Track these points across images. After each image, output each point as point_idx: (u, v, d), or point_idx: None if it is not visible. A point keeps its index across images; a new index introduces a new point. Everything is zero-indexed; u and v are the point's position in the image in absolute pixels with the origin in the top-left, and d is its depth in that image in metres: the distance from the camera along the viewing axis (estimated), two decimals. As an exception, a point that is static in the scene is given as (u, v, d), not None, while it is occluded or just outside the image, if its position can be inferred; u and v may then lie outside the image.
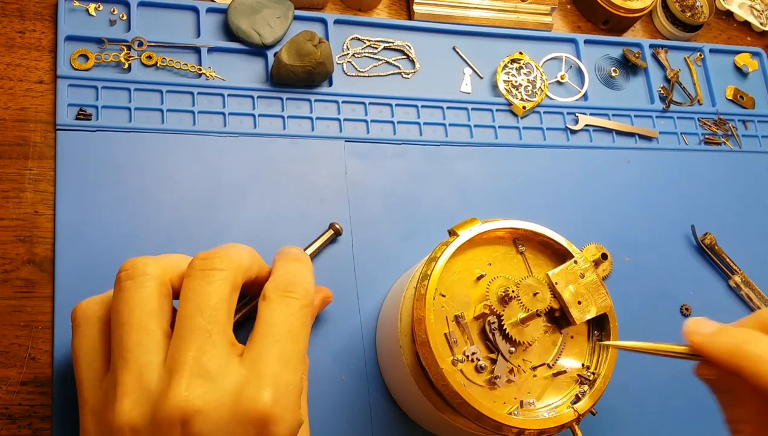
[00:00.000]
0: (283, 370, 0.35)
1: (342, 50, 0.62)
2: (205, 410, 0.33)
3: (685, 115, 0.70)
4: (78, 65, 0.55)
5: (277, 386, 0.34)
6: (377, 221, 0.57)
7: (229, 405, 0.33)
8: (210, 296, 0.36)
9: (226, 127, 0.57)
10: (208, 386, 0.33)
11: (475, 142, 0.62)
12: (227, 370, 0.34)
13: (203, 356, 0.34)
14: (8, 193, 0.50)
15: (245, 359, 0.35)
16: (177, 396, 0.32)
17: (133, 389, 0.34)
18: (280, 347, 0.36)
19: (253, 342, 0.36)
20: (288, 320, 0.37)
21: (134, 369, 0.34)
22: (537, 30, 0.69)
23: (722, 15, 0.79)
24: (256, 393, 0.34)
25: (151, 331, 0.35)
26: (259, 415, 0.33)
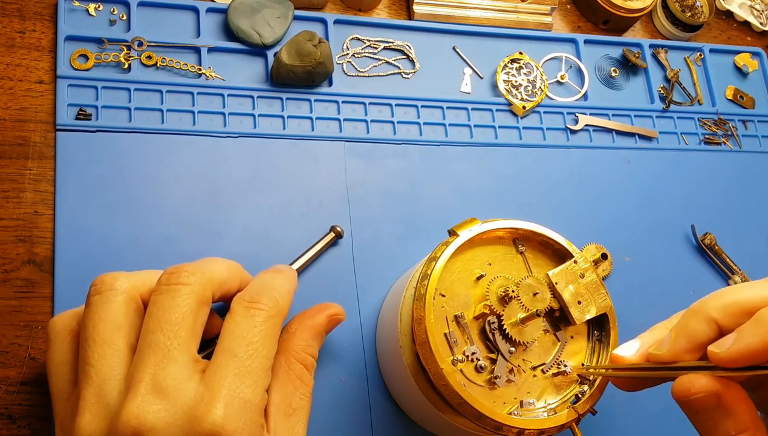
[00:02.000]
0: (239, 385, 0.34)
1: (342, 50, 0.62)
2: (158, 427, 0.33)
3: (685, 115, 0.70)
4: (78, 65, 0.55)
5: (230, 404, 0.34)
6: (377, 221, 0.57)
7: (181, 423, 0.33)
8: (172, 310, 0.36)
9: (226, 127, 0.57)
10: (162, 403, 0.33)
11: (475, 142, 0.62)
12: (184, 387, 0.34)
13: (160, 372, 0.34)
14: (8, 193, 0.50)
15: (205, 376, 0.35)
16: (130, 412, 0.33)
17: (93, 404, 0.34)
18: (238, 362, 0.35)
19: (213, 357, 0.36)
20: (249, 333, 0.36)
21: (95, 383, 0.34)
22: (537, 30, 0.69)
23: (722, 15, 0.79)
24: (207, 410, 0.33)
25: (114, 345, 0.35)
26: (209, 432, 0.33)
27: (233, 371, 0.35)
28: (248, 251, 0.53)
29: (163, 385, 0.33)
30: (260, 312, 0.37)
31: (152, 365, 0.34)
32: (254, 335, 0.36)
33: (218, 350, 0.36)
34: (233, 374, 0.34)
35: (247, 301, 0.38)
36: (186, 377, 0.34)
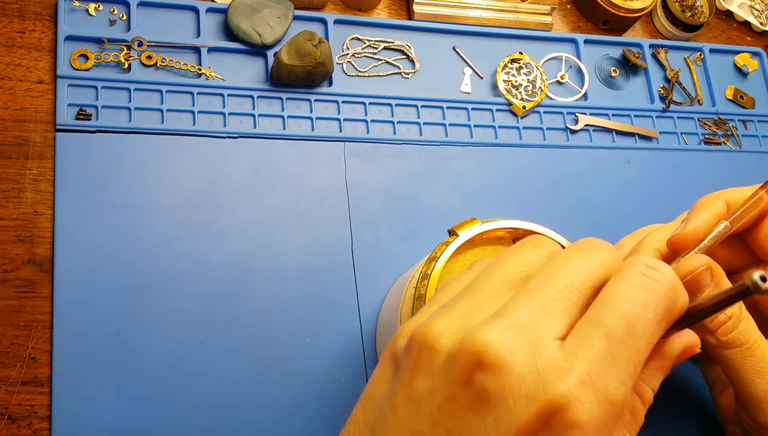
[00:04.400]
0: (602, 373, 0.28)
1: (342, 50, 0.62)
2: (502, 364, 0.28)
3: (685, 115, 0.70)
4: (78, 65, 0.55)
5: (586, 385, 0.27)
6: (377, 220, 0.57)
7: (526, 374, 0.28)
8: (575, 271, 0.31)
9: (226, 127, 0.57)
10: (520, 344, 0.28)
11: (475, 142, 0.62)
12: (547, 344, 0.29)
13: (534, 318, 0.29)
14: (8, 193, 0.50)
15: (565, 344, 0.29)
16: (484, 335, 0.28)
17: (458, 316, 0.30)
18: (608, 344, 0.28)
19: (579, 324, 0.29)
20: (632, 312, 0.29)
21: (473, 301, 0.31)
22: (537, 30, 0.69)
23: (722, 15, 0.79)
24: (560, 378, 0.27)
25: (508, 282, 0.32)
26: (552, 403, 0.27)
27: (600, 353, 0.28)
28: (248, 251, 0.53)
29: (529, 332, 0.29)
30: (656, 286, 0.29)
31: (529, 307, 0.29)
32: (639, 316, 0.29)
33: (588, 319, 0.29)
34: (598, 357, 0.28)
35: (645, 264, 0.30)
36: (552, 336, 0.29)
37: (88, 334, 0.48)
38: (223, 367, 0.49)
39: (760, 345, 0.40)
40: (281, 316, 0.52)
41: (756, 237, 0.44)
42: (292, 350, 0.51)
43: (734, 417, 0.45)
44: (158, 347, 0.49)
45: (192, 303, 0.51)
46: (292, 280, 0.53)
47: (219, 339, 0.50)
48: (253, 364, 0.50)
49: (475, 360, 0.28)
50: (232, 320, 0.51)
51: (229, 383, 0.49)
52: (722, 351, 0.40)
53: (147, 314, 0.49)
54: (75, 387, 0.46)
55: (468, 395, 0.28)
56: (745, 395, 0.40)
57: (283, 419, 0.49)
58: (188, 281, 0.51)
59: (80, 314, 0.48)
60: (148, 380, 0.48)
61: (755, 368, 0.40)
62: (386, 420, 0.29)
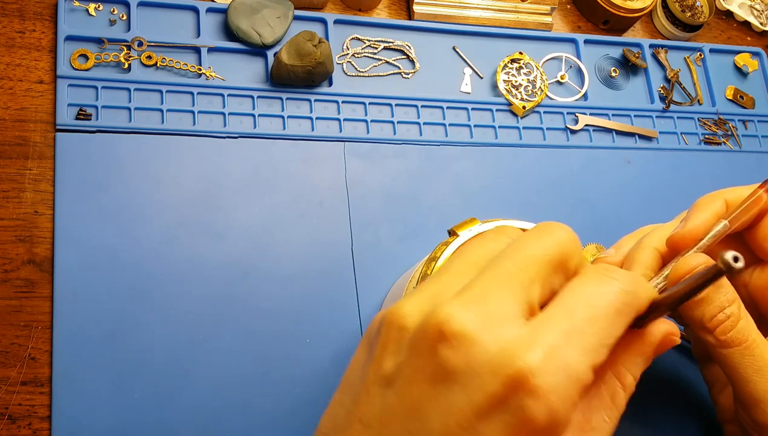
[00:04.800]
0: (564, 345, 0.29)
1: (342, 50, 0.62)
2: (463, 337, 0.28)
3: (685, 115, 0.70)
4: (78, 65, 0.55)
5: (549, 357, 0.28)
6: (377, 221, 0.57)
7: (488, 348, 0.28)
8: (532, 248, 0.32)
9: (225, 127, 0.57)
10: (479, 318, 0.29)
11: (474, 142, 0.62)
12: (508, 319, 0.29)
13: (491, 292, 0.30)
14: (8, 193, 0.50)
15: (530, 323, 0.30)
16: (443, 311, 0.29)
17: (426, 296, 0.31)
18: (571, 319, 0.30)
19: (545, 310, 0.31)
20: (593, 296, 0.31)
21: (441, 282, 0.32)
22: (537, 30, 0.69)
23: (722, 15, 0.79)
24: (523, 352, 0.28)
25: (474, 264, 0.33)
26: (516, 373, 0.28)
27: (563, 326, 0.29)
28: (248, 251, 0.53)
29: (488, 305, 0.30)
30: (614, 282, 0.32)
31: (489, 282, 0.30)
32: (599, 299, 0.31)
33: (553, 304, 0.31)
34: (561, 329, 0.29)
35: (602, 269, 0.33)
36: (513, 312, 0.30)
37: (88, 334, 0.48)
38: (223, 367, 0.49)
39: (759, 344, 0.40)
40: (281, 316, 0.52)
41: (755, 236, 0.44)
42: (292, 350, 0.51)
43: (733, 417, 0.45)
44: (158, 347, 0.49)
45: (192, 303, 0.51)
46: (292, 280, 0.53)
47: (219, 339, 0.50)
48: (253, 364, 0.50)
49: (438, 332, 0.29)
50: (232, 320, 0.51)
51: (229, 383, 0.49)
52: (721, 350, 0.40)
53: (147, 314, 0.49)
54: (75, 387, 0.46)
55: (432, 366, 0.29)
56: (744, 394, 0.40)
57: (283, 418, 0.49)
58: (188, 281, 0.51)
59: (80, 314, 0.48)
60: (148, 379, 0.48)
61: (754, 367, 0.40)
62: (360, 399, 0.30)
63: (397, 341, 0.30)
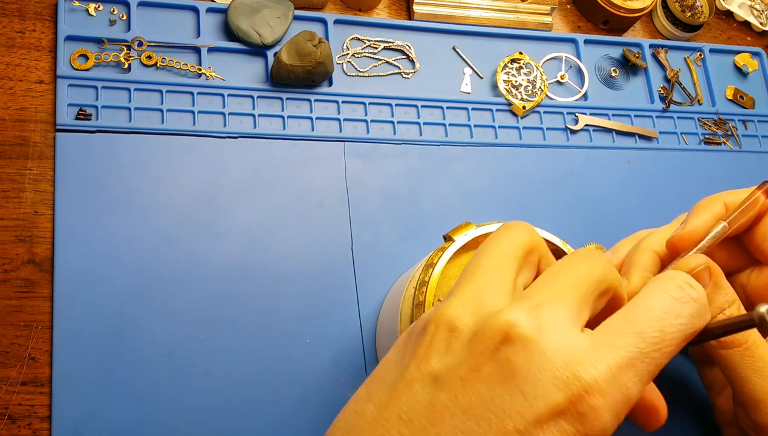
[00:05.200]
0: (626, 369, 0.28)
1: (342, 50, 0.62)
2: (527, 342, 0.29)
3: (685, 115, 0.70)
4: (78, 65, 0.55)
5: (612, 377, 0.28)
6: (377, 221, 0.57)
7: (553, 355, 0.28)
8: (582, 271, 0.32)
9: (225, 127, 0.57)
10: (543, 326, 0.29)
11: (474, 142, 0.62)
12: (565, 329, 0.29)
13: (549, 302, 0.30)
14: (8, 193, 0.51)
15: (592, 333, 0.30)
16: (511, 314, 0.29)
17: (470, 298, 0.31)
18: (638, 341, 0.29)
19: (611, 319, 0.30)
20: (666, 319, 0.30)
21: (479, 282, 0.32)
22: (537, 30, 0.69)
23: (722, 15, 0.79)
24: (584, 362, 0.28)
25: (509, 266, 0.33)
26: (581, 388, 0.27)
27: (631, 349, 0.29)
28: (248, 251, 0.53)
29: (550, 312, 0.30)
30: (692, 305, 0.31)
31: (547, 293, 0.30)
32: (673, 326, 0.30)
33: (623, 315, 0.30)
34: (629, 353, 0.29)
35: (684, 280, 0.31)
36: (569, 323, 0.30)
37: (88, 334, 0.48)
38: (222, 367, 0.49)
39: (758, 345, 0.40)
40: (281, 316, 0.52)
41: (753, 238, 0.44)
42: (292, 350, 0.51)
43: (732, 419, 0.45)
44: (158, 347, 0.49)
45: (192, 303, 0.51)
46: (292, 280, 0.53)
47: (219, 339, 0.50)
48: (253, 364, 0.50)
49: (503, 334, 0.29)
50: (232, 320, 0.51)
51: (228, 383, 0.49)
52: (721, 351, 0.40)
53: (147, 313, 0.49)
54: (75, 387, 0.46)
55: (493, 366, 0.28)
56: (743, 394, 0.40)
57: (283, 418, 0.49)
58: (188, 281, 0.51)
59: (80, 314, 0.48)
60: (148, 379, 0.48)
61: (753, 368, 0.40)
62: (398, 395, 0.30)
63: (447, 341, 0.30)
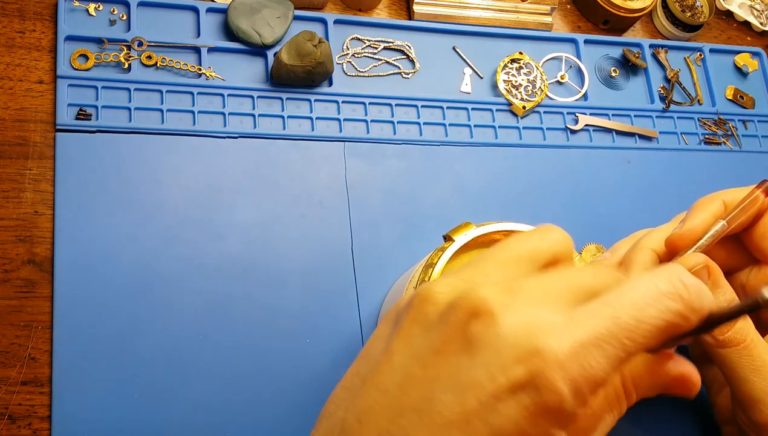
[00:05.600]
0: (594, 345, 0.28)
1: (342, 50, 0.62)
2: (494, 317, 0.28)
3: (685, 115, 0.70)
4: (78, 65, 0.55)
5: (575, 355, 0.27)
6: (377, 221, 0.57)
7: (516, 329, 0.28)
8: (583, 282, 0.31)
9: (225, 127, 0.57)
10: (515, 306, 0.29)
11: (475, 142, 0.62)
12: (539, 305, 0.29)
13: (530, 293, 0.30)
14: (8, 193, 0.51)
15: (571, 310, 0.29)
16: (484, 290, 0.29)
17: (460, 278, 0.31)
18: (610, 319, 0.28)
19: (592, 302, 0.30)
20: (642, 300, 0.29)
21: (478, 268, 0.32)
22: (537, 30, 0.69)
23: (722, 15, 0.79)
24: (549, 337, 0.28)
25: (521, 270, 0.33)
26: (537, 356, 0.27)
27: (600, 330, 0.28)
28: (248, 251, 0.53)
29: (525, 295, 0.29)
30: (680, 303, 0.29)
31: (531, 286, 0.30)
32: (651, 317, 0.29)
33: (602, 298, 0.29)
34: (597, 333, 0.28)
35: (682, 277, 0.30)
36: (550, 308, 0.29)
37: (88, 334, 0.48)
38: (222, 367, 0.49)
39: (756, 344, 0.40)
40: (281, 316, 0.52)
41: (752, 237, 0.44)
42: (292, 350, 0.51)
43: (731, 417, 0.45)
44: (158, 347, 0.49)
45: (192, 303, 0.51)
46: (292, 280, 0.53)
47: (219, 339, 0.50)
48: (253, 363, 0.50)
49: (472, 307, 0.29)
50: (231, 321, 0.51)
51: (228, 383, 0.49)
52: (719, 350, 0.40)
53: (147, 313, 0.50)
54: (75, 387, 0.46)
55: (462, 338, 0.29)
56: (741, 393, 0.40)
57: (283, 418, 0.49)
58: (188, 281, 0.51)
59: (80, 314, 0.48)
60: (148, 379, 0.48)
61: (751, 367, 0.40)
62: (381, 368, 0.30)
63: (427, 315, 0.30)
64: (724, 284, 0.40)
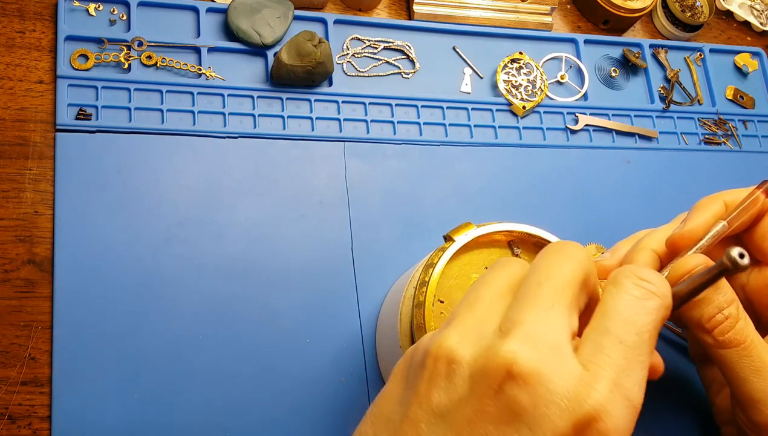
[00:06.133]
0: (624, 380, 0.29)
1: (342, 50, 0.62)
2: (531, 376, 0.28)
3: (685, 115, 0.70)
4: (78, 65, 0.55)
5: (614, 394, 0.29)
6: (377, 221, 0.57)
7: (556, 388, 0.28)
8: (562, 270, 0.32)
9: (225, 127, 0.57)
10: (542, 356, 0.29)
11: (475, 142, 0.62)
12: (562, 352, 0.29)
13: (539, 325, 0.30)
14: (8, 193, 0.51)
15: (581, 354, 0.30)
16: (508, 350, 0.29)
17: (470, 327, 0.31)
18: (625, 351, 0.30)
19: (591, 336, 0.31)
20: (639, 320, 0.30)
21: (478, 312, 0.32)
22: (537, 30, 0.69)
23: (722, 15, 0.79)
24: (588, 391, 0.28)
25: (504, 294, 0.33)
26: (587, 415, 0.28)
27: (619, 360, 0.29)
28: (248, 251, 0.53)
29: (546, 335, 0.29)
30: (654, 299, 0.31)
31: (536, 312, 0.30)
32: (646, 324, 0.30)
33: (598, 328, 0.30)
34: (618, 365, 0.29)
35: (638, 277, 0.32)
36: (564, 341, 0.30)
37: (88, 334, 0.48)
38: (222, 367, 0.49)
39: (756, 345, 0.40)
40: (281, 316, 0.52)
41: (753, 237, 0.44)
42: (292, 350, 0.51)
43: (731, 418, 0.45)
44: (158, 347, 0.49)
45: (192, 304, 0.51)
46: (292, 280, 0.53)
47: (219, 340, 0.50)
48: (253, 363, 0.50)
49: (505, 371, 0.28)
50: (231, 321, 0.51)
51: (228, 383, 0.49)
52: (719, 351, 0.40)
53: (147, 314, 0.50)
54: (75, 387, 0.46)
55: (499, 406, 0.28)
56: (741, 394, 0.40)
57: (283, 418, 0.49)
58: (188, 281, 0.51)
59: (80, 314, 0.48)
60: (148, 379, 0.48)
61: (751, 368, 0.40)
62: (405, 435, 0.29)
63: (448, 376, 0.30)
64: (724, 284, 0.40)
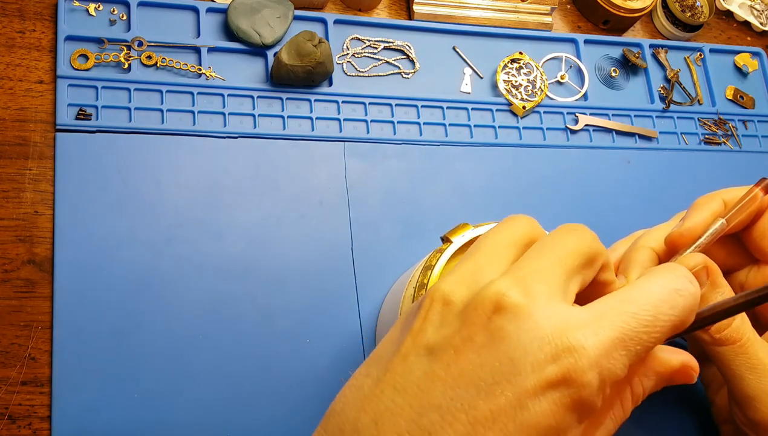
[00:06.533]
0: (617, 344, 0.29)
1: (342, 50, 0.62)
2: (518, 311, 0.29)
3: (685, 115, 0.70)
4: (78, 65, 0.55)
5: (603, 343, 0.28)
6: (377, 221, 0.57)
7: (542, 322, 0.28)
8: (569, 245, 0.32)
9: (225, 127, 0.57)
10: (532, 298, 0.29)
11: (475, 142, 0.62)
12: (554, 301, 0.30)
13: (538, 276, 0.30)
14: (8, 193, 0.51)
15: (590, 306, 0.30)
16: (502, 284, 0.29)
17: (468, 272, 0.31)
18: (630, 318, 0.29)
19: (607, 297, 0.31)
20: (663, 299, 0.30)
21: (478, 261, 0.32)
22: (537, 30, 0.69)
23: (722, 15, 0.79)
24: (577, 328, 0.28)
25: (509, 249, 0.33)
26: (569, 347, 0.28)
27: (620, 326, 0.29)
28: (248, 251, 0.53)
29: (540, 285, 0.30)
30: (689, 297, 0.31)
31: (537, 265, 0.31)
32: (665, 314, 0.30)
33: (620, 293, 0.31)
34: (621, 331, 0.29)
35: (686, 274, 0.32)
36: (559, 295, 0.30)
37: (88, 334, 0.48)
38: (223, 367, 0.49)
39: (753, 343, 0.40)
40: (281, 315, 0.52)
41: (751, 236, 0.44)
42: (292, 350, 0.51)
43: (729, 416, 0.45)
44: (158, 347, 0.49)
45: (192, 304, 0.51)
46: (291, 280, 0.53)
47: (219, 340, 0.50)
48: (253, 363, 0.50)
49: (494, 303, 0.29)
50: (231, 321, 0.51)
51: (229, 383, 0.49)
52: (716, 348, 0.40)
53: (147, 313, 0.50)
54: (75, 387, 0.46)
55: (485, 334, 0.29)
56: (737, 391, 0.41)
57: (283, 418, 0.49)
58: (188, 282, 0.51)
59: (80, 314, 0.48)
60: (148, 380, 0.48)
61: (747, 365, 0.40)
62: (395, 368, 0.30)
63: (441, 314, 0.30)
64: (723, 284, 0.40)
